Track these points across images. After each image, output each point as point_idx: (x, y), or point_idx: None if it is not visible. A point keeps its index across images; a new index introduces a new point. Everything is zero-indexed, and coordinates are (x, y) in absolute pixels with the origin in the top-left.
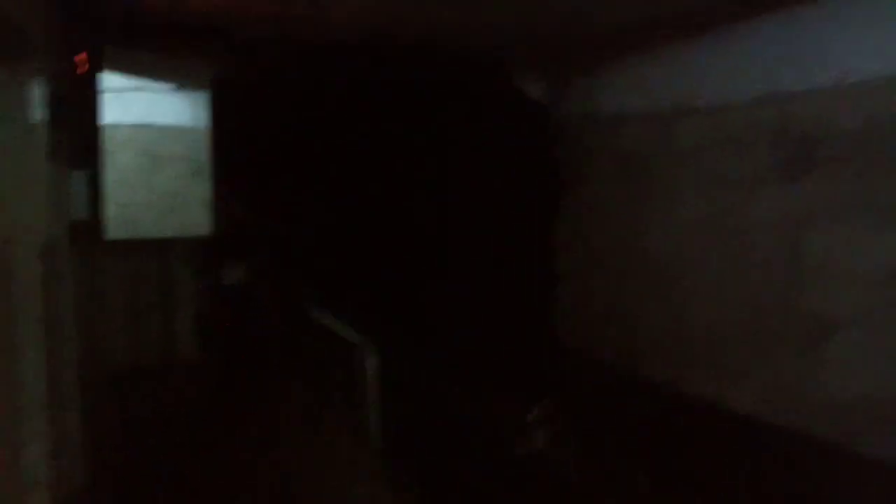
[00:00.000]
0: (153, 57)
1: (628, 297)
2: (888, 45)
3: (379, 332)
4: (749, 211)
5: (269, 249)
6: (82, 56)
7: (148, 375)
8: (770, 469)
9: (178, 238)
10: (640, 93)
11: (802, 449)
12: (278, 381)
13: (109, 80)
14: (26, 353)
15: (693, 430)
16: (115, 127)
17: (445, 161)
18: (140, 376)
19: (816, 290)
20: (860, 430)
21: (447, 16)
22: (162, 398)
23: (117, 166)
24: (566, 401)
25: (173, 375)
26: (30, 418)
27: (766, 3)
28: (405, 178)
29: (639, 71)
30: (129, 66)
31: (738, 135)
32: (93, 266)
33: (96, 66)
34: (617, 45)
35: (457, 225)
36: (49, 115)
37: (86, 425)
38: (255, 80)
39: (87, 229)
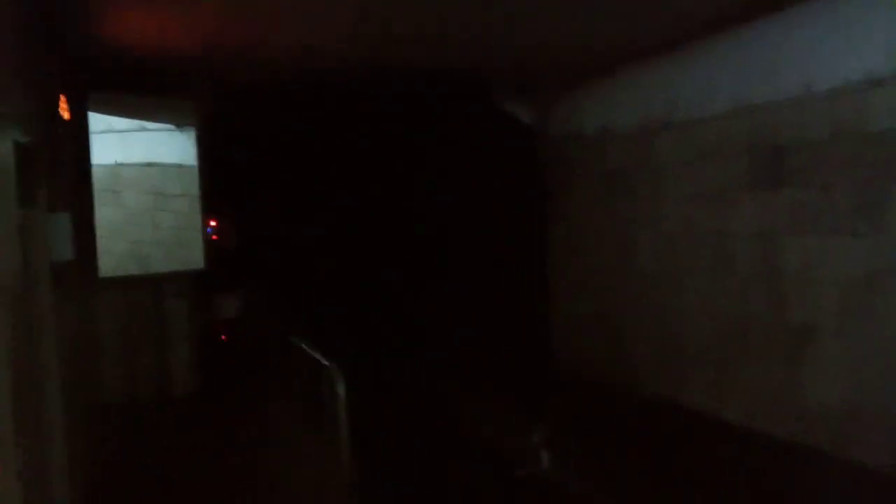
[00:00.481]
0: (141, 99)
1: (619, 313)
2: (850, 52)
3: (366, 354)
4: (729, 223)
5: (259, 282)
6: (61, 101)
7: (143, 406)
8: (759, 475)
9: (173, 273)
10: (620, 111)
11: (790, 455)
12: (267, 406)
13: (114, 122)
14: None
15: (687, 441)
16: (122, 166)
17: (435, 185)
18: (135, 407)
19: (797, 298)
20: (843, 435)
21: (431, 45)
22: (157, 427)
23: (126, 205)
24: (563, 418)
25: (168, 406)
26: None
27: (733, 16)
28: (396, 202)
29: (618, 90)
30: (118, 108)
31: (714, 147)
32: (84, 303)
33: (80, 110)
34: (597, 67)
35: (448, 246)
36: (16, 161)
37: (76, 455)
38: (239, 117)
39: (75, 268)
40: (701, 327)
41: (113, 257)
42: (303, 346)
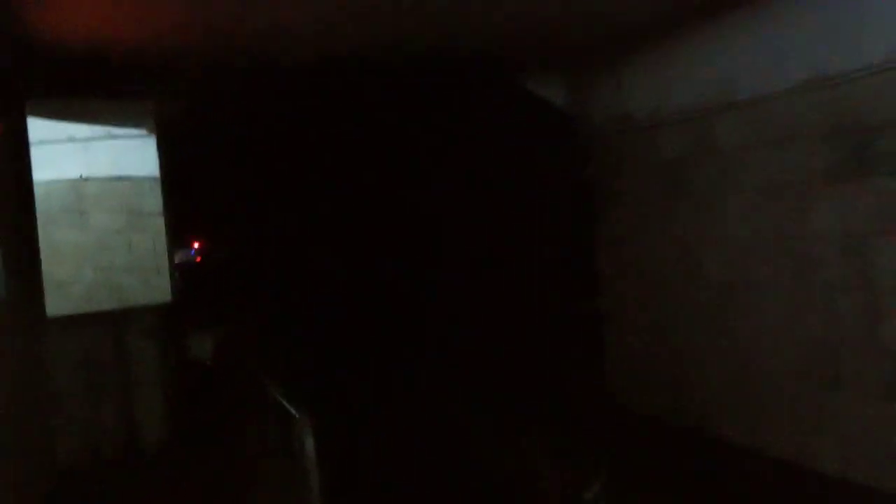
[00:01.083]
0: (87, 103)
1: (683, 338)
2: None
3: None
4: (807, 222)
5: (237, 317)
6: None
7: (108, 466)
8: None
9: (137, 308)
10: (673, 89)
11: None
12: (246, 464)
13: (74, 130)
14: None
15: (767, 495)
16: (86, 181)
17: (454, 189)
18: (98, 468)
19: (894, 315)
20: None
21: (444, 23)
22: (121, 492)
23: (93, 226)
24: (620, 463)
25: (135, 466)
26: None
27: None
28: (410, 210)
29: (671, 64)
30: (61, 114)
31: (786, 129)
32: (28, 349)
33: (14, 121)
34: (644, 39)
35: (474, 257)
36: None
37: None
38: (215, 116)
39: (11, 309)
40: (778, 351)
41: (81, 288)
42: (274, 392)
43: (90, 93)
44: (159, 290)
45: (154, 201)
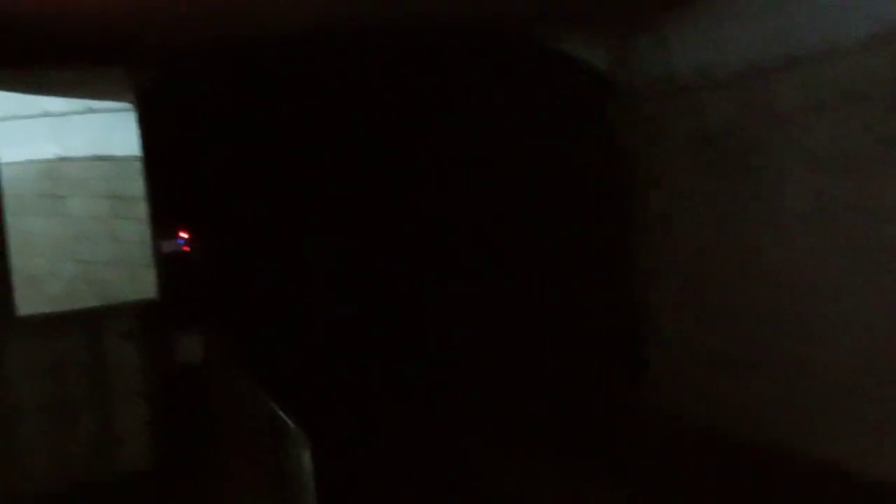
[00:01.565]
0: (65, 73)
1: (734, 336)
2: None
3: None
4: (878, 198)
5: (229, 315)
6: None
7: (81, 492)
8: None
9: (117, 306)
10: (723, 48)
11: None
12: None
13: (48, 103)
14: None
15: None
16: (63, 162)
17: (470, 164)
18: (71, 494)
19: None
20: None
21: None
22: None
23: (71, 214)
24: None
25: (114, 489)
26: None
27: None
28: (421, 193)
29: (720, 19)
30: (39, 86)
31: (853, 90)
32: None
33: None
34: None
35: (492, 247)
36: None
37: None
38: (191, 89)
39: None
40: (847, 349)
41: (59, 283)
42: (267, 401)
43: (62, 62)
44: (148, 285)
45: (140, 184)
